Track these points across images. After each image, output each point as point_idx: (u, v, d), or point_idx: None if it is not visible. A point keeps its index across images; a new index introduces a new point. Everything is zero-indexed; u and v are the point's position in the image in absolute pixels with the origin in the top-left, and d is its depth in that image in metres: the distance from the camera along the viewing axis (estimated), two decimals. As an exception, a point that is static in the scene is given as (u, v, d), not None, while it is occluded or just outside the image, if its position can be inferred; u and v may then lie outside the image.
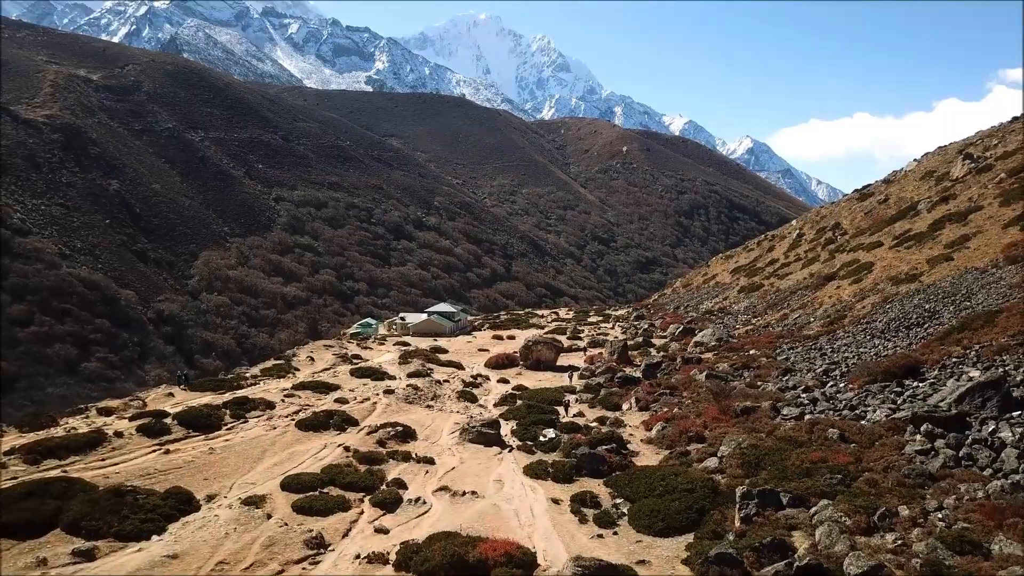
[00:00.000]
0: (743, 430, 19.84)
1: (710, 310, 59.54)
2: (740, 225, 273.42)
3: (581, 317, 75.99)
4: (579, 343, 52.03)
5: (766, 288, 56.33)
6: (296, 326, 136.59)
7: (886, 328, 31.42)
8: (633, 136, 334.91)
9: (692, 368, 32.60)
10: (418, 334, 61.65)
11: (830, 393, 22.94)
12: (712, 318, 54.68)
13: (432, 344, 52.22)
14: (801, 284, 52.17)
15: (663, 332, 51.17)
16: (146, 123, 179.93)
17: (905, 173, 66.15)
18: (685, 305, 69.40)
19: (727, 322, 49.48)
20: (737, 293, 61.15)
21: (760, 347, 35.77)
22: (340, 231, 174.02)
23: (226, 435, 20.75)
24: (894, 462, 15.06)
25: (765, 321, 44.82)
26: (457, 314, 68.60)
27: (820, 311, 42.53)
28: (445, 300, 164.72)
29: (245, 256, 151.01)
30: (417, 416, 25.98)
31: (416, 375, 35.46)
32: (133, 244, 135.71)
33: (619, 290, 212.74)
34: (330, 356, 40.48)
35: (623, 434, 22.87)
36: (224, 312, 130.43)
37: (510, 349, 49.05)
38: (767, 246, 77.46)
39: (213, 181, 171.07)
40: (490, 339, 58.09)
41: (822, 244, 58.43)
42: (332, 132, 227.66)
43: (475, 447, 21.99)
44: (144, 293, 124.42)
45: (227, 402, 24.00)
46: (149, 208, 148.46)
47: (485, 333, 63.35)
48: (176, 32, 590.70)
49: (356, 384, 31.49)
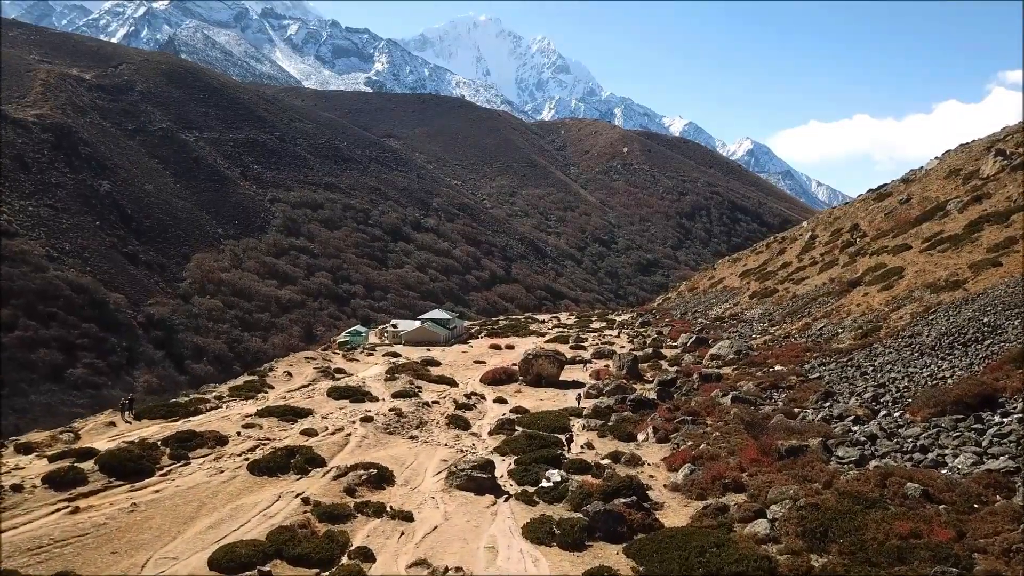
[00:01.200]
0: (792, 478, 16.07)
1: (720, 317, 55.77)
2: (742, 227, 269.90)
3: (584, 323, 72.23)
4: (583, 354, 48.28)
5: (781, 294, 52.53)
6: (290, 330, 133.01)
7: (937, 344, 27.45)
8: (633, 137, 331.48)
9: (713, 387, 28.78)
10: (410, 343, 57.87)
11: (889, 427, 19.12)
12: (724, 326, 50.88)
13: (424, 355, 48.49)
14: (821, 290, 48.39)
15: (673, 342, 47.41)
16: (139, 123, 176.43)
17: (926, 172, 62.36)
18: (693, 311, 65.65)
19: (742, 331, 45.73)
20: (749, 298, 57.35)
21: (785, 362, 31.98)
22: (336, 233, 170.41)
23: (158, 483, 16.89)
24: (1015, 542, 11.29)
25: (785, 331, 41.05)
26: (452, 321, 64.99)
27: (849, 321, 38.67)
28: (443, 304, 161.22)
29: (239, 258, 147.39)
30: (398, 451, 22.16)
31: (402, 395, 31.68)
32: (124, 246, 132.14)
33: (620, 292, 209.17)
34: (311, 370, 36.65)
35: (642, 476, 19.08)
36: (216, 316, 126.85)
37: (509, 360, 45.29)
38: (777, 249, 73.70)
39: (207, 182, 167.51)
40: (487, 349, 54.44)
41: (840, 247, 54.67)
42: (329, 132, 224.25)
43: (464, 495, 18.20)
44: (134, 296, 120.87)
45: (169, 438, 20.05)
46: (141, 209, 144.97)
47: (482, 341, 59.56)
48: (174, 33, 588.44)
49: (332, 408, 27.65)
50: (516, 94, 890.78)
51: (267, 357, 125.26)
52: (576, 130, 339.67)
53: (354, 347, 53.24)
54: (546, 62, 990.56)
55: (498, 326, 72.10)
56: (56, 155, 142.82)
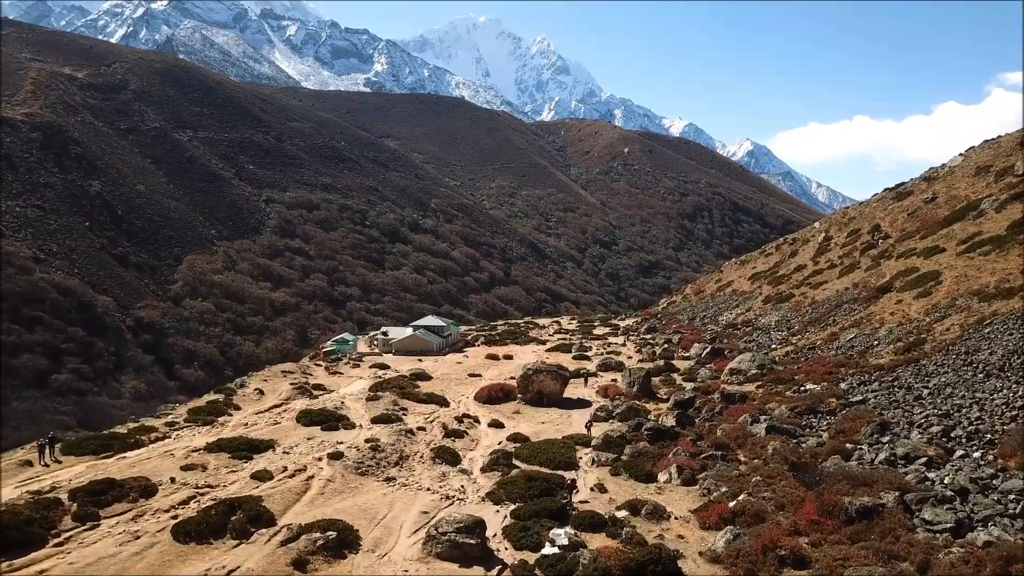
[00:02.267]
0: (873, 555, 12.29)
1: (732, 323, 51.98)
2: (744, 228, 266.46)
3: (586, 329, 68.38)
4: (587, 366, 44.45)
5: (798, 299, 48.73)
6: (284, 334, 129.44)
7: (1005, 364, 23.68)
8: (634, 137, 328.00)
9: (739, 410, 24.99)
10: (401, 352, 54.10)
11: (979, 478, 15.26)
12: (737, 334, 47.08)
13: (415, 367, 44.82)
14: (844, 296, 44.64)
15: (685, 352, 43.66)
16: (132, 122, 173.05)
17: (951, 169, 58.56)
18: (701, 316, 61.86)
19: (758, 340, 41.90)
20: (762, 303, 53.56)
21: (816, 378, 28.23)
22: (332, 234, 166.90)
23: (48, 558, 12.89)
24: None
25: (808, 341, 37.26)
26: (447, 328, 61.31)
27: (884, 332, 34.85)
28: (440, 307, 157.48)
29: (232, 260, 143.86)
30: (369, 498, 18.28)
31: (383, 420, 27.84)
32: (113, 248, 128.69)
33: (621, 295, 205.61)
34: (286, 387, 32.82)
35: (669, 535, 15.33)
36: (208, 319, 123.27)
37: (506, 373, 41.49)
38: (788, 251, 69.92)
39: (201, 182, 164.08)
40: (484, 359, 50.59)
41: (859, 249, 50.91)
42: (326, 132, 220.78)
43: (446, 568, 14.37)
44: (123, 299, 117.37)
45: (79, 490, 15.96)
46: (132, 210, 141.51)
47: (478, 350, 55.77)
48: (172, 33, 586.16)
49: (298, 438, 23.77)
50: (516, 95, 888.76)
51: (260, 361, 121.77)
52: (576, 130, 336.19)
53: (340, 357, 49.43)
54: (546, 63, 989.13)
55: (496, 332, 68.16)
56: (45, 154, 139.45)
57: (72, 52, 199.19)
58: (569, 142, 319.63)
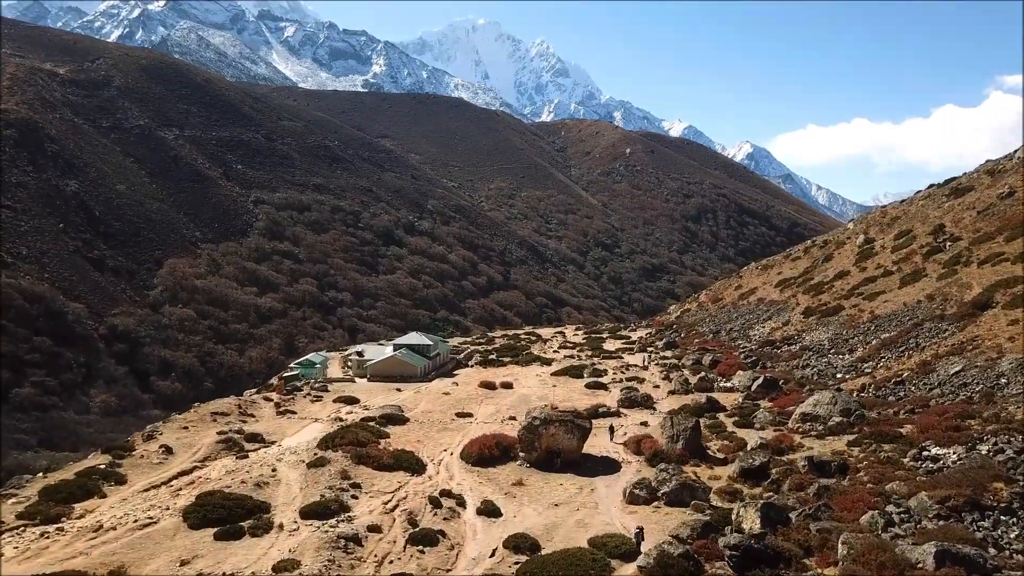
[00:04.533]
0: None
1: (770, 340, 45.00)
2: (750, 230, 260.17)
3: (595, 342, 61.38)
4: (605, 399, 36.45)
5: (851, 312, 41.76)
6: (270, 342, 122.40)
7: None
8: (636, 138, 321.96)
9: (852, 500, 17.72)
10: (378, 377, 46.15)
11: None
12: (780, 354, 39.93)
13: (389, 402, 37.16)
14: (919, 311, 37.42)
15: (724, 379, 36.40)
16: (115, 120, 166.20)
17: (1022, 160, 51.54)
18: (727, 329, 54.91)
19: (814, 364, 34.81)
20: (803, 316, 46.60)
21: (938, 435, 21.02)
22: (324, 236, 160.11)
23: None
24: None
25: (889, 370, 30.13)
26: (433, 347, 52.74)
27: (1008, 364, 27.58)
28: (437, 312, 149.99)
29: (217, 264, 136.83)
30: None
31: (319, 511, 19.31)
32: (89, 251, 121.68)
33: (624, 299, 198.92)
34: (209, 438, 24.78)
35: None
36: (188, 327, 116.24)
37: (505, 410, 34.29)
38: (821, 255, 63.09)
39: (186, 182, 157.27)
40: (477, 388, 42.29)
41: (921, 253, 44.04)
42: (320, 131, 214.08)
43: None
44: (96, 306, 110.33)
45: None
46: (111, 211, 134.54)
47: (472, 374, 48.23)
48: (168, 34, 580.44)
49: (168, 562, 15.34)
50: (515, 97, 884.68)
51: (243, 372, 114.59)
52: (577, 131, 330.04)
53: (301, 385, 41.22)
54: (545, 65, 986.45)
55: (493, 346, 60.85)
56: (19, 152, 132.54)
57: (54, 48, 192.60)
58: (569, 142, 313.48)
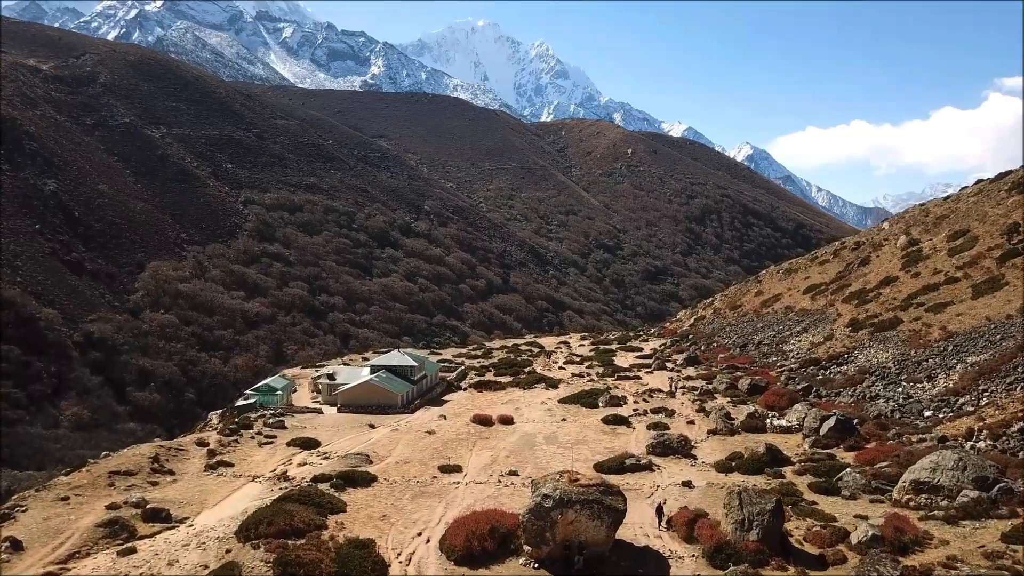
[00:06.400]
0: None
1: (812, 358, 38.69)
2: (755, 232, 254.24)
3: (604, 356, 55.02)
4: (630, 442, 29.82)
5: (914, 327, 35.52)
6: (256, 349, 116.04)
7: None
8: (638, 138, 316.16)
9: None
10: (350, 407, 39.04)
11: None
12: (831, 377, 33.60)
13: (356, 446, 30.04)
14: (1011, 327, 30.65)
15: (776, 414, 29.91)
16: (99, 117, 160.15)
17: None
18: (754, 342, 48.70)
19: (886, 394, 28.49)
20: (848, 330, 40.44)
21: None
22: (316, 238, 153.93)
23: None
24: None
25: (1003, 411, 23.89)
26: (418, 369, 44.65)
27: None
28: (433, 317, 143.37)
29: (203, 267, 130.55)
30: None
31: None
32: (66, 253, 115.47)
33: (627, 302, 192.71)
34: (92, 517, 17.37)
35: None
36: (170, 334, 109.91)
37: (503, 458, 27.55)
38: (855, 258, 56.90)
39: (172, 181, 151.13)
40: (469, 423, 35.40)
41: (994, 258, 37.87)
42: (314, 130, 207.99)
43: None
44: (72, 311, 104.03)
45: None
46: (91, 211, 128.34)
47: (463, 401, 41.74)
48: (164, 34, 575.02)
49: None
50: (515, 99, 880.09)
51: (227, 381, 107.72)
52: (577, 131, 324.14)
53: (253, 421, 33.19)
54: (545, 67, 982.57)
55: (490, 360, 54.32)
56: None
57: (39, 43, 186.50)
58: (570, 143, 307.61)
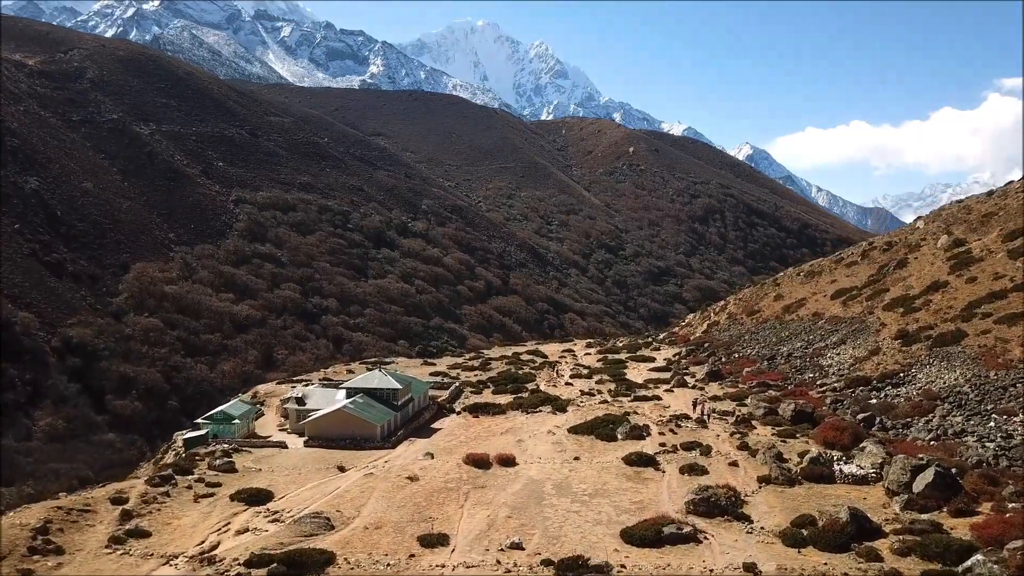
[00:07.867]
0: None
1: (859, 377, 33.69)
2: (759, 232, 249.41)
3: (614, 366, 50.04)
4: (662, 498, 24.13)
5: (984, 342, 30.60)
6: (245, 354, 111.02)
7: None
8: (639, 136, 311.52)
9: None
10: (319, 439, 32.93)
11: None
12: (892, 404, 28.62)
13: (317, 502, 23.81)
14: None
15: (839, 455, 24.66)
16: (87, 113, 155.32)
17: None
18: (782, 354, 43.86)
19: (976, 430, 23.46)
20: (898, 344, 35.74)
21: None
22: (309, 238, 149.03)
23: None
24: None
25: None
26: (403, 391, 37.74)
27: None
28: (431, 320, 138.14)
29: (191, 268, 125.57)
30: None
31: None
32: (46, 253, 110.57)
33: (630, 304, 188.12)
34: None
35: None
36: (154, 338, 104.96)
37: (503, 518, 22.28)
38: (886, 259, 51.98)
39: (161, 180, 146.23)
40: (461, 463, 29.93)
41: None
42: (309, 128, 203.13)
43: None
44: (50, 315, 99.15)
45: None
46: (74, 210, 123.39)
47: (456, 431, 35.91)
48: (161, 33, 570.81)
49: None
50: (514, 99, 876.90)
51: (214, 388, 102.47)
52: (578, 129, 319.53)
53: (191, 465, 26.73)
54: (544, 67, 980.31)
55: (488, 373, 49.03)
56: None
57: (26, 38, 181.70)
58: (570, 141, 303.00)
